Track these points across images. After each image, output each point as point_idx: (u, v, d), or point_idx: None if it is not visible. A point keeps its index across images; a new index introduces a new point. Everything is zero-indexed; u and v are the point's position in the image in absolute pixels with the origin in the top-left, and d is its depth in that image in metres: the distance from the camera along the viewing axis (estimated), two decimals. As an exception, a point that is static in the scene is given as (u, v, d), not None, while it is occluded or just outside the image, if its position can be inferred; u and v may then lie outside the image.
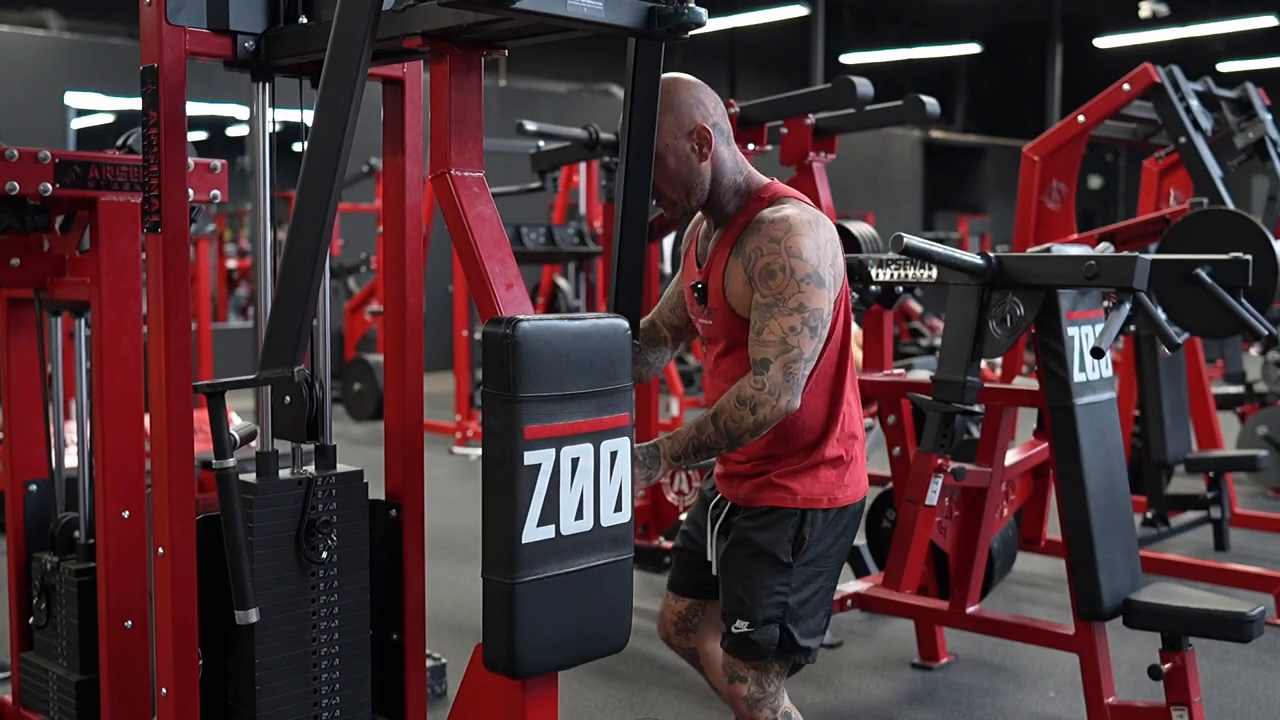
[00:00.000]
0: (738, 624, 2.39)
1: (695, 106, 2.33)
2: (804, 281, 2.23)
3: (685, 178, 2.35)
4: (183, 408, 2.29)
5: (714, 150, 2.35)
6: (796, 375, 2.22)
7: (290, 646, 2.33)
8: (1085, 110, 4.72)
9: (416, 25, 2.08)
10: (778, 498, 2.40)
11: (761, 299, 2.25)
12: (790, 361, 2.22)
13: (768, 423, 2.23)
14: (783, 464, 2.39)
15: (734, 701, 2.46)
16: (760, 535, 2.39)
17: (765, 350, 2.24)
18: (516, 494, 1.93)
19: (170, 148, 2.24)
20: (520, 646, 1.96)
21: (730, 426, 2.24)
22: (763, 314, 2.25)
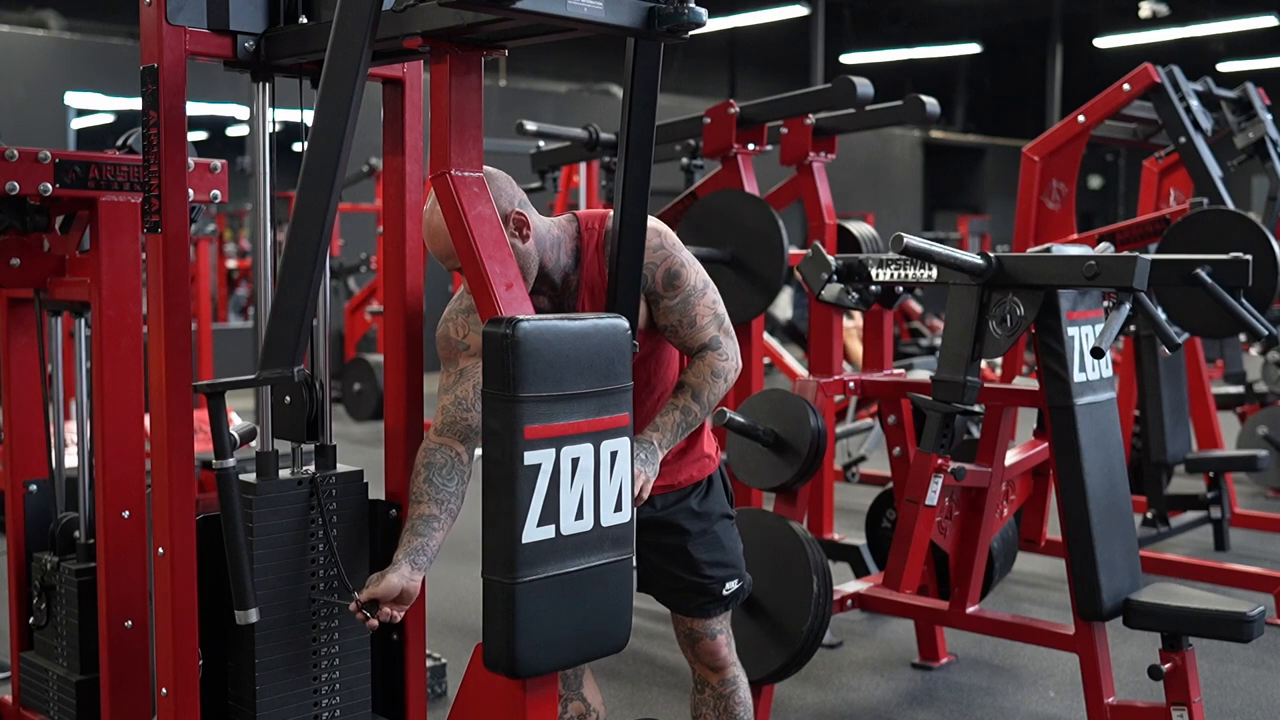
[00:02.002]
0: (728, 585, 2.61)
1: (499, 196, 2.27)
2: (693, 264, 2.45)
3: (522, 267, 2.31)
4: (183, 408, 2.29)
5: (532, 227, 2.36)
6: (734, 336, 2.50)
7: (290, 646, 2.33)
8: (1085, 110, 4.72)
9: (416, 25, 2.08)
10: (706, 467, 2.63)
11: (672, 300, 2.42)
12: (729, 328, 2.47)
13: (734, 382, 2.49)
14: (694, 439, 2.60)
15: (716, 654, 2.66)
16: (713, 503, 2.62)
17: (707, 331, 2.44)
18: (516, 494, 1.93)
19: (170, 148, 2.24)
20: (520, 646, 1.96)
21: (712, 399, 2.44)
22: (684, 308, 2.42)
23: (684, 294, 2.42)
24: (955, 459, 3.29)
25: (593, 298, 2.41)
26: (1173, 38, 16.68)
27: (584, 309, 2.40)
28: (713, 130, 4.30)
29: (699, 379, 2.43)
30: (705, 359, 2.44)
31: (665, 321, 2.44)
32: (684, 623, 2.67)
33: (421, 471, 2.32)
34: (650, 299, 2.42)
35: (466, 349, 2.42)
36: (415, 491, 2.32)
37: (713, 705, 2.70)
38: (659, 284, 2.41)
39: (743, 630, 3.22)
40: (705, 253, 3.96)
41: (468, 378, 2.39)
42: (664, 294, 2.41)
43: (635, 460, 2.28)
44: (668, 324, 2.44)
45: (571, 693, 2.60)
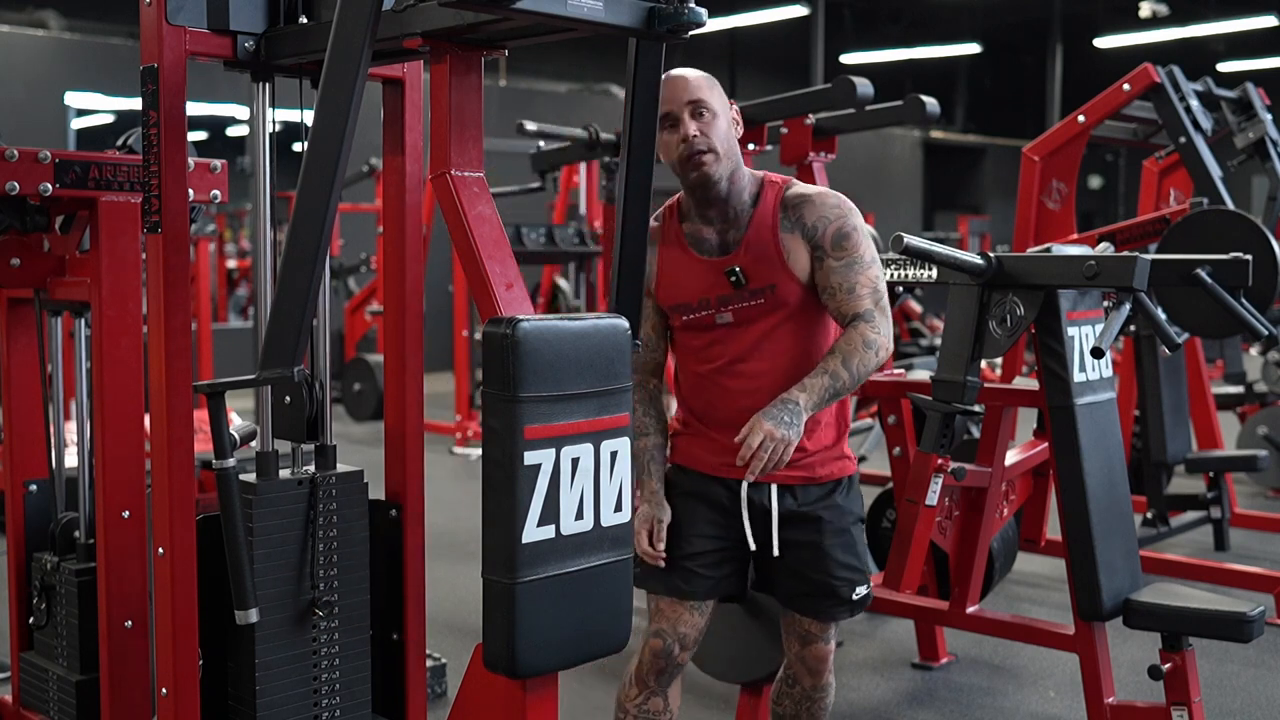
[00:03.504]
0: (857, 590, 2.55)
1: (715, 92, 2.46)
2: (868, 239, 2.49)
3: (731, 142, 2.44)
4: (183, 408, 2.29)
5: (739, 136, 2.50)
6: (890, 319, 2.49)
7: (290, 646, 2.33)
8: (1085, 110, 4.72)
9: (416, 25, 2.08)
10: (847, 466, 2.60)
11: (837, 261, 2.43)
12: (886, 308, 2.46)
13: (882, 362, 2.44)
14: (838, 434, 2.58)
15: (824, 660, 2.63)
16: (853, 503, 2.58)
17: (863, 302, 2.43)
18: (516, 494, 1.93)
19: (170, 148, 2.24)
20: (520, 646, 1.96)
21: (860, 370, 2.40)
22: (846, 273, 2.43)
23: (850, 259, 2.43)
24: (955, 459, 3.29)
25: (750, 250, 2.45)
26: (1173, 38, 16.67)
27: (742, 256, 2.45)
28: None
29: (850, 345, 2.41)
30: (858, 328, 2.42)
31: (825, 282, 2.44)
32: (801, 623, 2.60)
33: (636, 407, 2.47)
34: (815, 256, 2.44)
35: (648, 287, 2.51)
36: (637, 425, 2.48)
37: (799, 702, 2.68)
38: (827, 241, 2.44)
39: (743, 630, 3.22)
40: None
41: (645, 317, 2.51)
42: (830, 252, 2.43)
43: (771, 419, 2.31)
44: (827, 285, 2.44)
45: (659, 689, 2.59)
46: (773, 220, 2.45)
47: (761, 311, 2.47)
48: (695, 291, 2.49)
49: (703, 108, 2.41)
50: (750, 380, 2.48)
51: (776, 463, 2.32)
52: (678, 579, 2.54)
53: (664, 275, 2.52)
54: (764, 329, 2.47)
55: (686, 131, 2.39)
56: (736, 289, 2.46)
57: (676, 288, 2.51)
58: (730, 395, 2.50)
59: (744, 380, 2.48)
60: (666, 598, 2.55)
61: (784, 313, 2.47)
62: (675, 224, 2.52)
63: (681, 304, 2.51)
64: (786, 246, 2.45)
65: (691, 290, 2.49)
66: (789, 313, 2.47)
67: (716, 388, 2.52)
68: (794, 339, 2.49)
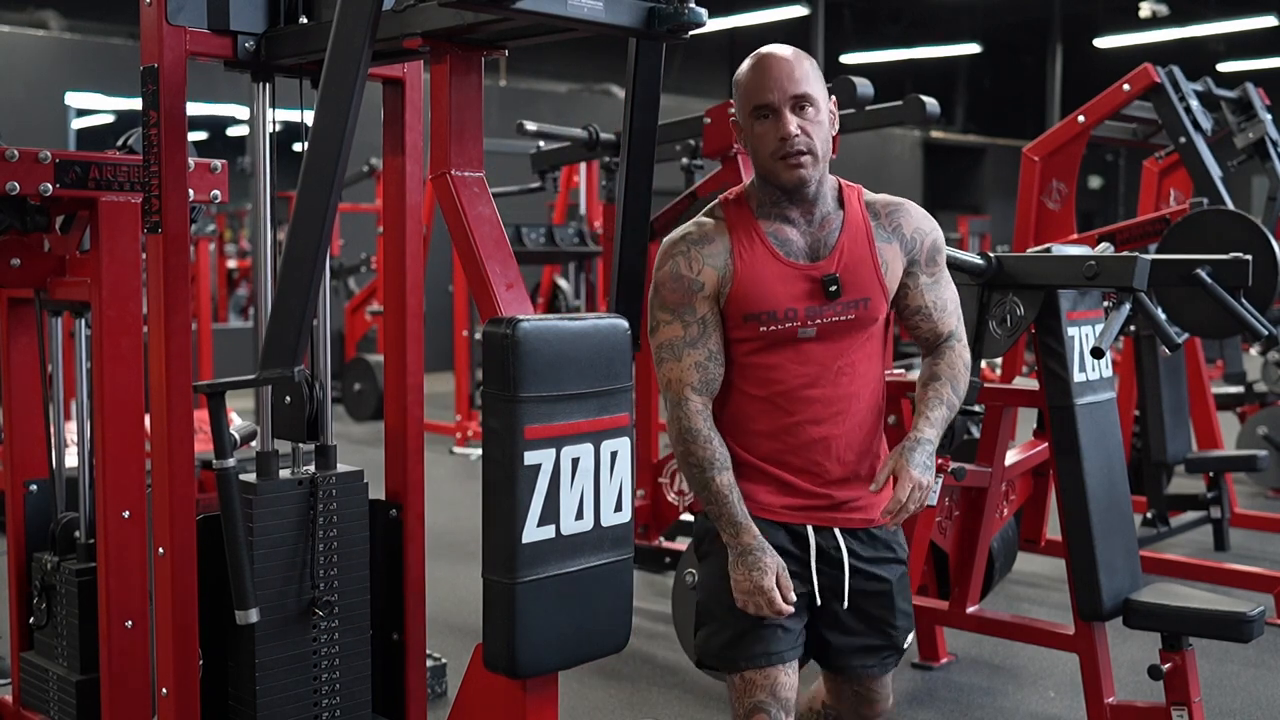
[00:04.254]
0: (908, 639, 2.32)
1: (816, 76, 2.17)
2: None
3: (829, 141, 2.18)
4: (183, 408, 2.29)
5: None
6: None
7: (290, 646, 2.33)
8: (1085, 110, 4.72)
9: (416, 25, 2.08)
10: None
11: (929, 277, 2.27)
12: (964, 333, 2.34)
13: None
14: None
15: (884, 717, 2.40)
16: (905, 543, 2.34)
17: (952, 320, 2.30)
18: (516, 494, 1.94)
19: (170, 148, 2.24)
20: (520, 646, 1.96)
21: (962, 397, 2.26)
22: (938, 289, 2.28)
23: (940, 274, 2.29)
24: (955, 459, 3.29)
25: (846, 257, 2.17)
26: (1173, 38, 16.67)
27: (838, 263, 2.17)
28: (713, 130, 4.29)
29: (953, 370, 2.25)
30: (954, 350, 2.27)
31: (917, 302, 2.26)
32: (861, 682, 2.32)
33: (712, 437, 2.15)
34: (909, 271, 2.25)
35: (701, 288, 2.16)
36: (715, 459, 2.14)
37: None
38: (924, 255, 2.26)
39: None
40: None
41: (711, 327, 2.17)
42: (925, 268, 2.26)
43: (917, 467, 2.10)
44: (919, 305, 2.26)
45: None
46: (866, 227, 2.21)
47: (849, 328, 2.19)
48: (782, 299, 2.15)
49: (808, 103, 2.12)
50: (825, 407, 2.19)
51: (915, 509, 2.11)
52: (766, 643, 2.17)
53: (744, 278, 2.15)
54: (845, 348, 2.19)
55: (788, 129, 2.10)
56: (830, 300, 2.16)
57: (760, 293, 2.15)
58: (799, 426, 2.18)
59: (817, 408, 2.18)
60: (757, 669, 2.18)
61: (869, 331, 2.22)
62: (749, 219, 2.19)
63: (763, 312, 2.15)
64: (884, 257, 2.21)
65: (778, 297, 2.15)
66: (872, 331, 2.23)
67: (782, 415, 2.19)
68: (870, 362, 2.24)
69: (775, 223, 2.19)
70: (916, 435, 2.15)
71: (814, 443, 2.19)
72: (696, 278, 2.15)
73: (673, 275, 2.16)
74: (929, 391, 2.23)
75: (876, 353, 2.26)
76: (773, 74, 2.11)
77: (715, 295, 2.17)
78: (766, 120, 2.12)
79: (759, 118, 2.13)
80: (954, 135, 21.47)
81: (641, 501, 4.57)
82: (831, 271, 2.16)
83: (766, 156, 2.13)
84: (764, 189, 2.19)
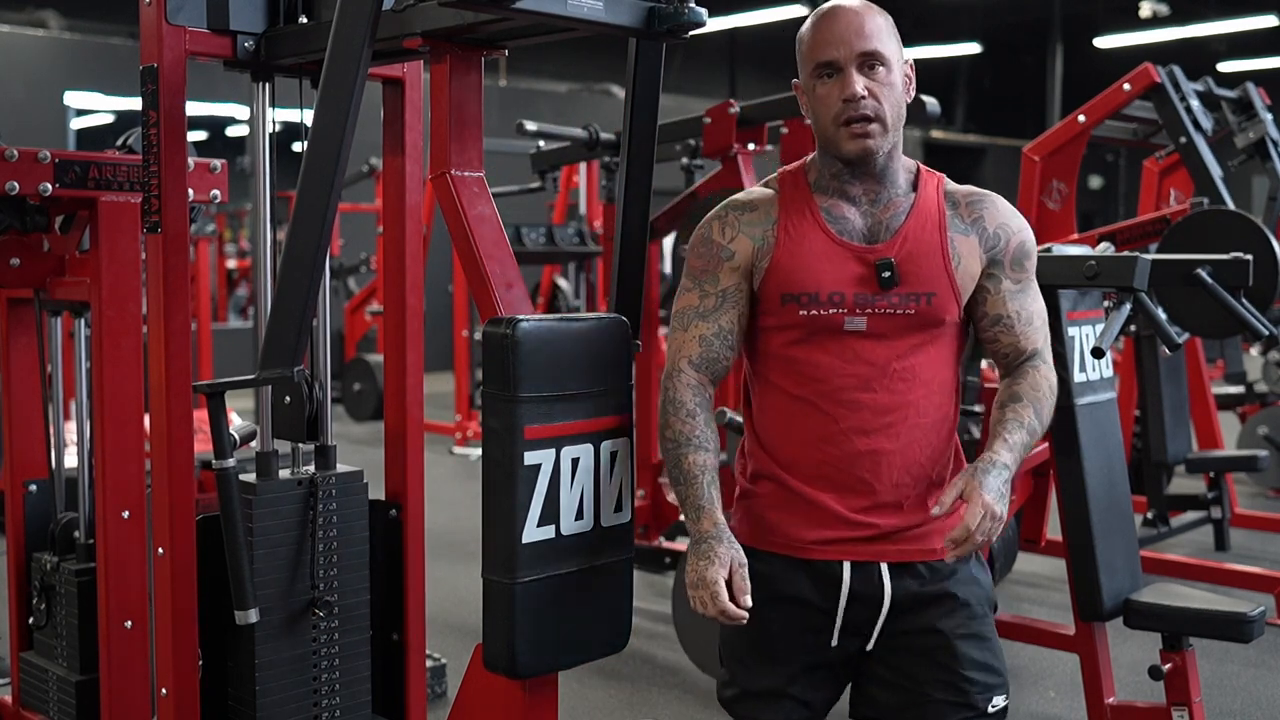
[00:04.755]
0: (995, 700, 1.92)
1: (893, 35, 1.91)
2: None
3: (902, 109, 1.91)
4: (183, 408, 2.29)
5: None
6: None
7: (290, 646, 2.33)
8: (1085, 110, 4.72)
9: (416, 25, 2.08)
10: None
11: (1014, 283, 1.95)
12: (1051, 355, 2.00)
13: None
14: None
15: None
16: (986, 584, 1.98)
17: (1039, 337, 1.98)
18: (516, 494, 1.93)
19: (170, 148, 2.24)
20: (520, 647, 1.96)
21: (1046, 423, 1.93)
22: (1023, 299, 1.96)
23: (1027, 282, 1.97)
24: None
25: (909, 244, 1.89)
26: (1173, 37, 16.66)
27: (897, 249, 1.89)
28: (713, 130, 4.30)
29: (1036, 392, 1.91)
30: (1039, 370, 1.94)
31: (997, 310, 1.95)
32: None
33: (697, 413, 1.91)
34: (990, 273, 1.94)
35: (730, 258, 1.93)
36: (694, 436, 1.90)
37: None
38: (1008, 256, 1.94)
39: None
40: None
41: (731, 303, 1.93)
42: (1009, 271, 1.94)
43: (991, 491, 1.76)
44: (999, 314, 1.95)
45: None
46: (939, 214, 1.92)
47: (907, 325, 1.89)
48: (827, 280, 1.89)
49: (878, 61, 1.86)
50: (876, 416, 1.89)
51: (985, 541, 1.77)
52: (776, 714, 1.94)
53: (787, 253, 1.91)
54: (903, 349, 1.90)
55: (853, 89, 1.84)
56: (884, 289, 1.88)
57: (803, 271, 1.90)
58: (843, 435, 1.89)
59: (865, 415, 1.89)
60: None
61: (933, 334, 1.91)
62: (805, 192, 1.95)
63: (804, 294, 1.90)
64: (957, 250, 1.91)
65: (823, 277, 1.89)
66: (938, 335, 1.92)
67: (824, 421, 1.90)
68: (936, 370, 1.92)
69: (833, 198, 1.93)
70: (992, 457, 1.82)
71: (860, 456, 1.88)
72: (727, 245, 1.93)
73: (703, 239, 1.96)
74: (1007, 413, 1.89)
75: (945, 360, 1.93)
76: (838, 28, 1.86)
77: (747, 270, 1.93)
78: (829, 80, 1.87)
79: (821, 77, 1.88)
80: (954, 135, 21.48)
81: (641, 501, 4.57)
82: (888, 256, 1.88)
83: (828, 122, 1.88)
84: (824, 160, 1.94)
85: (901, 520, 1.91)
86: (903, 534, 1.91)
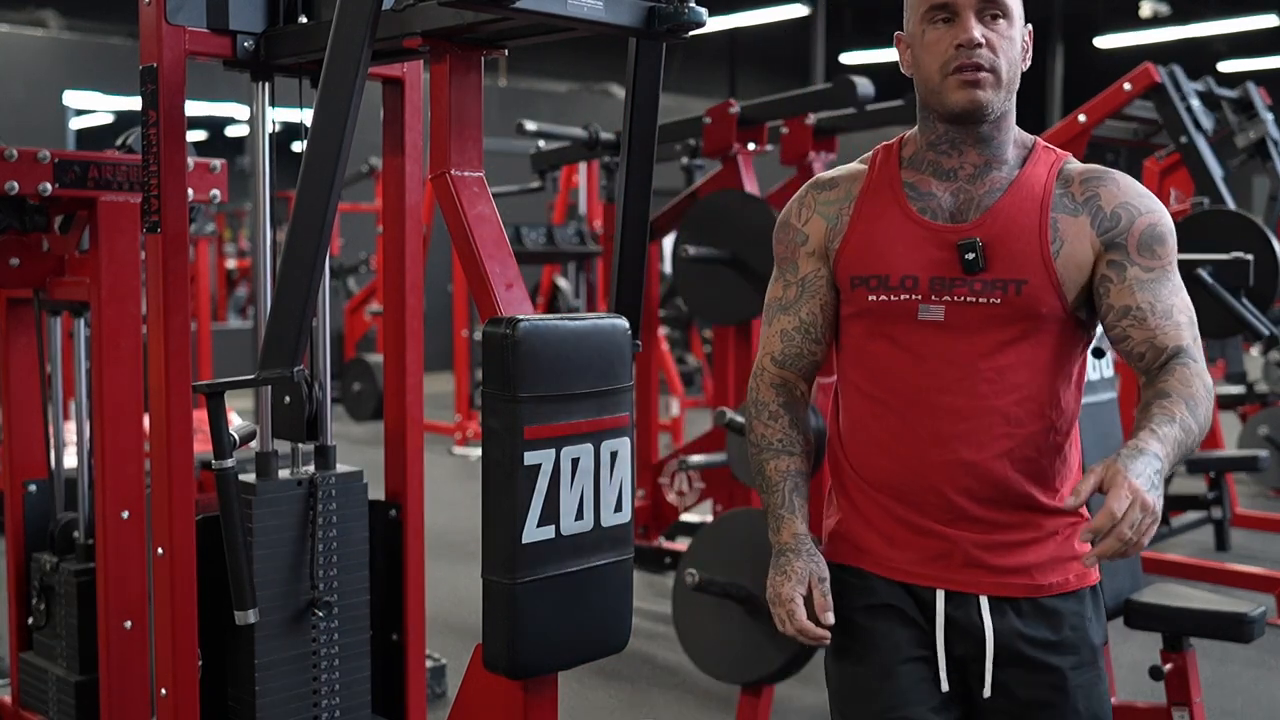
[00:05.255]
0: None
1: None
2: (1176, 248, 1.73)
3: (1018, 68, 1.69)
4: (182, 408, 2.29)
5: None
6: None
7: (290, 647, 2.32)
8: (1086, 110, 4.72)
9: (416, 25, 2.08)
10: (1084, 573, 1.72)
11: (1147, 272, 1.66)
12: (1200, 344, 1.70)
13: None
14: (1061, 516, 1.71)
15: None
16: (1100, 632, 1.73)
17: (1184, 333, 1.66)
18: (516, 494, 1.93)
19: (170, 147, 2.24)
20: (520, 647, 1.95)
21: (1205, 426, 1.60)
22: (1159, 289, 1.67)
23: (1164, 271, 1.67)
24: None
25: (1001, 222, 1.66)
26: (1174, 37, 16.66)
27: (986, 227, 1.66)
28: (713, 130, 4.30)
29: (1188, 388, 1.59)
30: (1190, 369, 1.62)
31: (1124, 300, 1.66)
32: None
33: (781, 414, 1.77)
34: (1107, 259, 1.67)
35: (805, 242, 1.78)
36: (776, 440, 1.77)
37: None
38: (1134, 240, 1.67)
39: (742, 630, 3.22)
40: (705, 252, 3.95)
41: (811, 292, 1.77)
42: (1137, 257, 1.66)
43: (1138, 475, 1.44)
44: (1127, 305, 1.66)
45: None
46: (1044, 192, 1.68)
47: (993, 318, 1.66)
48: (900, 262, 1.69)
49: (1000, 12, 1.65)
50: (958, 421, 1.67)
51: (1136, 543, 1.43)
52: None
53: (858, 231, 1.73)
54: (989, 346, 1.66)
55: (971, 34, 1.62)
56: (968, 273, 1.66)
57: (872, 251, 1.71)
58: (920, 442, 1.69)
59: (945, 420, 1.67)
60: None
61: (1026, 328, 1.67)
62: (893, 168, 1.76)
63: (873, 276, 1.70)
64: (1061, 231, 1.67)
65: (896, 259, 1.69)
66: (1033, 330, 1.67)
67: (897, 424, 1.70)
68: (1036, 374, 1.67)
69: (922, 172, 1.73)
70: (1138, 444, 1.50)
71: (938, 468, 1.67)
72: (802, 228, 1.77)
73: (782, 224, 1.81)
74: (1154, 409, 1.57)
75: (1047, 364, 1.68)
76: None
77: (823, 253, 1.76)
78: (942, 26, 1.65)
79: (934, 22, 1.65)
80: (954, 135, 21.48)
81: (641, 502, 4.57)
82: (973, 236, 1.66)
83: (934, 70, 1.65)
84: (925, 125, 1.72)
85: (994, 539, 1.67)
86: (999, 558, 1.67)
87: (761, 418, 1.81)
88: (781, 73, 17.91)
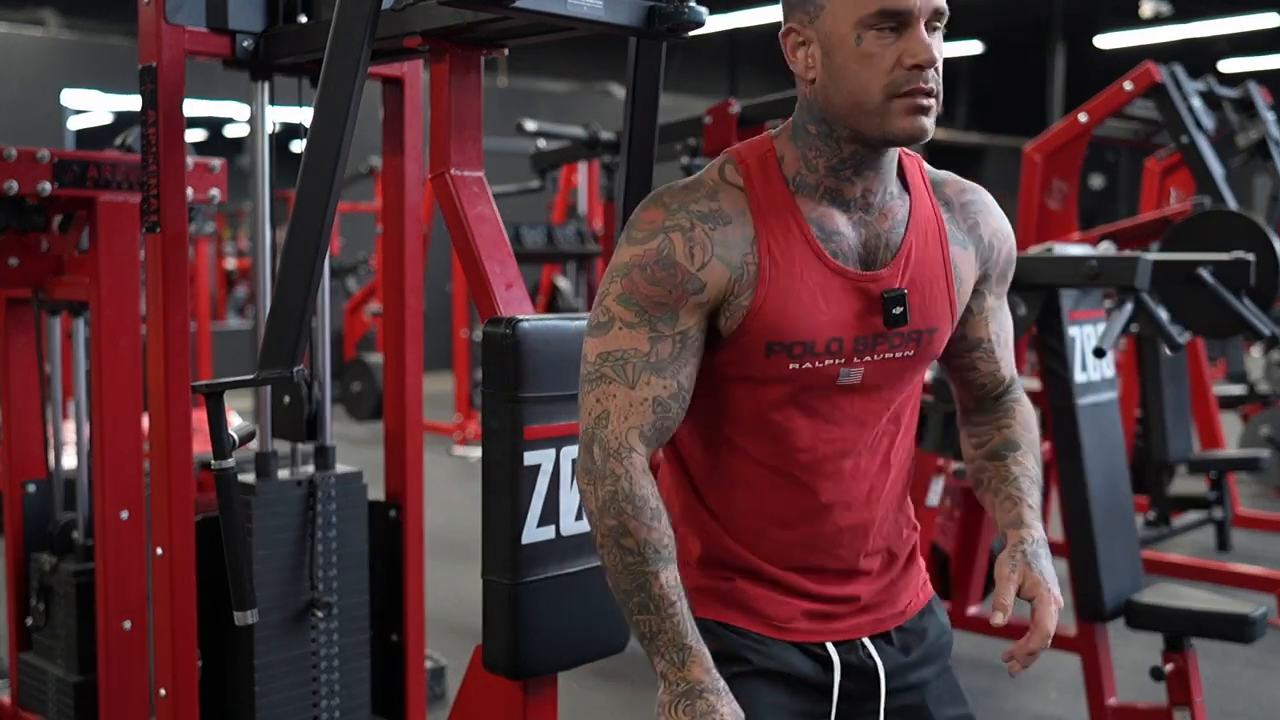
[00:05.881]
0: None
1: None
2: None
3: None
4: (182, 408, 2.28)
5: None
6: None
7: (290, 647, 2.32)
8: (1087, 109, 4.72)
9: (416, 25, 2.08)
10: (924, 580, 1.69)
11: (997, 299, 1.60)
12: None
13: None
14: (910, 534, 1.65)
15: None
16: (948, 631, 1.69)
17: (1012, 360, 1.65)
18: (517, 494, 1.93)
19: (169, 147, 2.23)
20: (520, 647, 1.95)
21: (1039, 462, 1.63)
22: (1000, 316, 1.62)
23: (1001, 299, 1.63)
24: (956, 459, 3.28)
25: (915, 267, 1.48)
26: (1175, 37, 16.66)
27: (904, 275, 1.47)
28: (713, 130, 4.29)
29: (1030, 434, 1.60)
30: (1022, 404, 1.63)
31: (978, 333, 1.60)
32: None
33: (661, 513, 1.43)
34: (978, 291, 1.58)
35: (699, 291, 1.41)
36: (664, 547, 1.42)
37: None
38: (998, 269, 1.58)
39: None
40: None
41: (691, 351, 1.43)
42: (996, 286, 1.59)
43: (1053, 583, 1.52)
44: (980, 338, 1.61)
45: None
46: (939, 225, 1.51)
47: (904, 369, 1.51)
48: (824, 323, 1.44)
49: (940, 20, 1.43)
50: (860, 484, 1.52)
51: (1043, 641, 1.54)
52: None
53: (777, 289, 1.42)
54: (892, 399, 1.52)
55: (931, 54, 1.39)
56: (890, 327, 1.46)
57: (796, 313, 1.43)
58: (826, 512, 1.51)
59: (850, 486, 1.51)
60: None
61: (919, 378, 1.56)
62: (783, 195, 1.45)
63: (797, 343, 1.43)
64: (959, 270, 1.52)
65: (819, 319, 1.44)
66: (921, 378, 1.58)
67: (801, 496, 1.50)
68: (912, 415, 1.58)
69: (821, 205, 1.45)
70: (1031, 535, 1.49)
71: (842, 533, 1.52)
72: (696, 273, 1.40)
73: (661, 258, 1.40)
74: (1013, 468, 1.55)
75: (916, 408, 1.60)
76: None
77: (715, 306, 1.42)
78: (889, 36, 1.38)
79: (877, 29, 1.38)
80: (955, 134, 21.48)
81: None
82: (896, 286, 1.46)
83: (874, 89, 1.38)
84: (824, 143, 1.43)
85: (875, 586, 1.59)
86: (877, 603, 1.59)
87: (641, 518, 1.41)
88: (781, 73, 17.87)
